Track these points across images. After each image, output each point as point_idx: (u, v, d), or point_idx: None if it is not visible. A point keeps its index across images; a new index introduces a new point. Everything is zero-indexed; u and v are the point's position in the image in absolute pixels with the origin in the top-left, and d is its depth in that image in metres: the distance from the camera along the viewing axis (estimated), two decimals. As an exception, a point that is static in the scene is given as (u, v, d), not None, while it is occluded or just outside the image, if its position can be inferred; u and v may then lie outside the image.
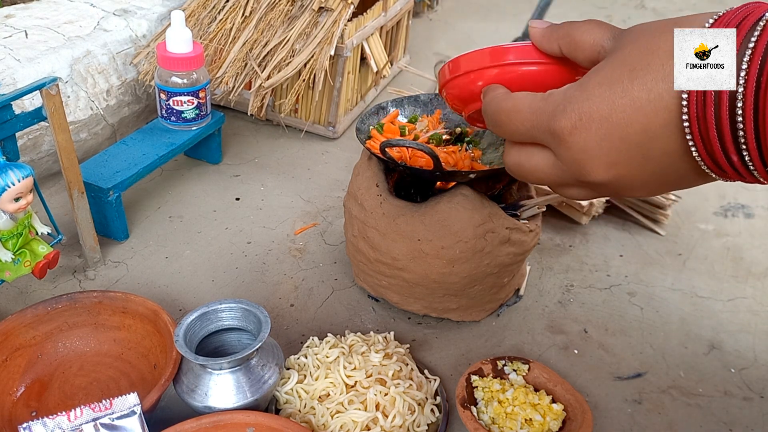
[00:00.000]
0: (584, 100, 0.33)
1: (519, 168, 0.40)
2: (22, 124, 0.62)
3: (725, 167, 0.31)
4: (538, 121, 0.36)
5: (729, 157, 0.30)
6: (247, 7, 0.95)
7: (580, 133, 0.33)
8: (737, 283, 0.81)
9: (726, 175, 0.32)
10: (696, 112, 0.30)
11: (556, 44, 0.39)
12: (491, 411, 0.57)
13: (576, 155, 0.34)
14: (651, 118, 0.31)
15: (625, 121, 0.32)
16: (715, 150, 0.30)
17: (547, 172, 0.38)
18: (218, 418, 0.51)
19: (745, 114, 0.29)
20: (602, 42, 0.36)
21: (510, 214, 0.63)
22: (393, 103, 0.72)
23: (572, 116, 0.34)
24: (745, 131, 0.29)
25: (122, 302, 0.61)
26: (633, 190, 0.36)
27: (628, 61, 0.32)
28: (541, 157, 0.38)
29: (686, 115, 0.30)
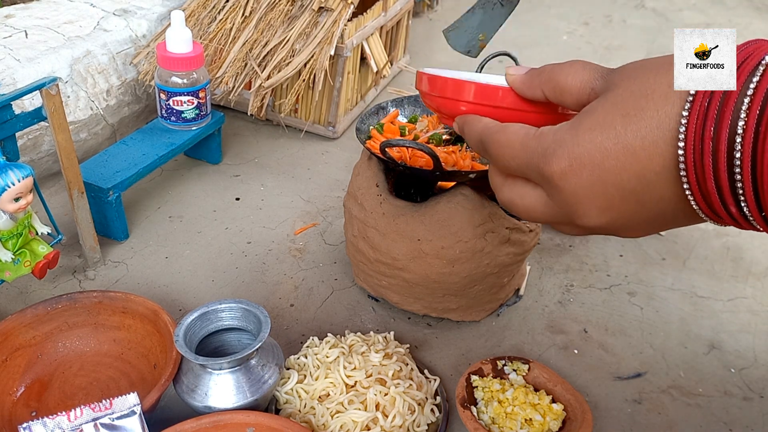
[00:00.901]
0: (575, 145, 0.32)
1: (512, 205, 0.39)
2: (22, 124, 0.62)
3: (723, 216, 0.30)
4: (529, 160, 0.35)
5: (727, 208, 0.29)
6: (247, 7, 0.95)
7: (570, 178, 0.32)
8: (737, 283, 0.81)
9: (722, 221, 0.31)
10: (693, 161, 0.29)
11: (539, 90, 0.37)
12: (491, 411, 0.57)
13: (568, 199, 0.33)
14: (645, 165, 0.30)
15: (618, 168, 0.31)
16: (713, 200, 0.30)
17: (541, 210, 0.37)
18: (218, 418, 0.51)
19: (743, 164, 0.27)
20: (591, 83, 0.34)
21: (510, 214, 0.63)
22: (393, 103, 0.71)
23: (563, 161, 0.32)
24: (743, 182, 0.28)
25: (122, 302, 0.61)
26: (628, 232, 0.35)
27: (620, 104, 0.31)
28: (534, 197, 0.37)
29: (683, 164, 0.29)
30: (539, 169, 0.34)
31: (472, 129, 0.39)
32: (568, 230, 0.38)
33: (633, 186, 0.31)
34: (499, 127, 0.38)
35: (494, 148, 0.37)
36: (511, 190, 0.38)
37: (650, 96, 0.30)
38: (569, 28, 1.62)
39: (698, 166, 0.29)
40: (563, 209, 0.35)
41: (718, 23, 1.78)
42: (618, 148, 0.31)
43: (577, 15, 1.71)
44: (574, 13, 1.73)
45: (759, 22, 1.79)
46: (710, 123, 0.28)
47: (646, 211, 0.32)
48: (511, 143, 0.36)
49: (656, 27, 1.70)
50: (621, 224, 0.34)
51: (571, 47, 1.52)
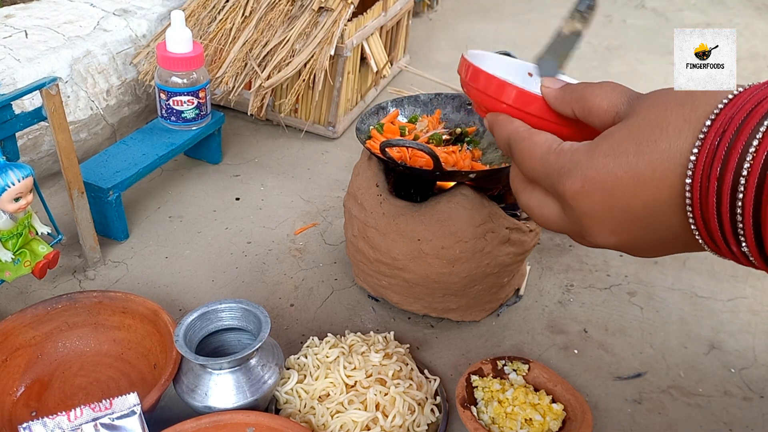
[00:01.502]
0: (589, 168, 0.33)
1: (529, 211, 0.40)
2: (22, 124, 0.62)
3: (725, 252, 0.31)
4: (546, 174, 0.36)
5: (729, 245, 0.30)
6: (247, 7, 0.95)
7: (582, 198, 0.34)
8: (737, 283, 0.81)
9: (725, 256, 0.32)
10: (699, 198, 0.30)
11: (569, 108, 0.38)
12: (491, 411, 0.57)
13: (578, 217, 0.35)
14: (654, 195, 0.31)
15: (627, 195, 0.32)
16: (716, 237, 0.30)
17: (556, 222, 0.38)
18: (218, 418, 0.51)
19: (745, 206, 0.28)
20: (617, 107, 0.35)
21: (510, 214, 0.63)
22: (393, 103, 0.71)
23: (576, 182, 0.34)
24: (744, 224, 0.28)
25: (122, 302, 0.61)
26: (639, 253, 0.36)
27: (636, 133, 0.32)
28: (551, 209, 0.38)
29: (689, 199, 0.30)
30: (554, 186, 0.35)
31: (502, 130, 0.41)
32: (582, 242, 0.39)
33: (640, 214, 0.32)
34: (526, 134, 0.39)
35: (518, 154, 0.39)
36: (530, 197, 0.40)
37: (665, 128, 0.31)
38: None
39: (703, 203, 0.30)
40: (574, 226, 0.36)
41: (718, 23, 1.78)
42: (628, 176, 0.32)
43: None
44: (574, 13, 1.72)
45: (759, 22, 1.79)
46: (717, 163, 0.28)
47: (652, 237, 0.33)
48: (533, 154, 0.37)
49: (656, 27, 1.70)
50: (630, 246, 0.35)
51: (571, 47, 1.51)
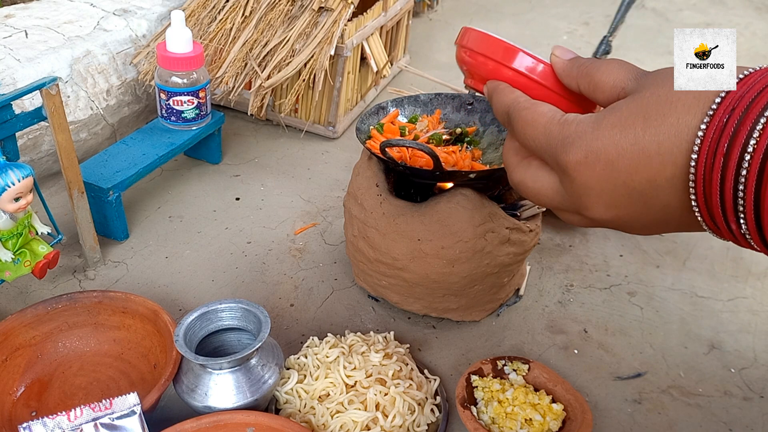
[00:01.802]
0: (594, 139, 0.33)
1: (523, 187, 0.40)
2: (22, 124, 0.62)
3: (723, 231, 0.31)
4: (548, 145, 0.36)
5: (728, 224, 0.30)
6: (247, 7, 0.95)
7: (584, 170, 0.33)
8: (737, 283, 0.81)
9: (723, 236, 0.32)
10: (703, 174, 0.30)
11: (575, 82, 0.38)
12: (491, 411, 0.57)
13: (577, 189, 0.34)
14: (658, 171, 0.31)
15: (631, 169, 0.32)
16: (716, 214, 0.30)
17: (551, 196, 0.38)
18: (218, 418, 0.51)
19: (748, 183, 0.28)
20: (624, 83, 0.35)
21: (510, 214, 0.63)
22: (393, 103, 0.71)
23: (579, 152, 0.33)
24: (745, 201, 0.29)
25: (122, 302, 0.61)
26: (632, 230, 0.36)
27: (644, 108, 0.32)
28: (547, 182, 0.38)
29: (693, 175, 0.30)
30: (556, 156, 0.35)
31: (502, 98, 0.40)
32: (573, 220, 0.39)
33: (642, 188, 0.32)
34: (528, 104, 0.38)
35: (518, 123, 0.38)
36: (526, 171, 0.39)
37: (674, 104, 0.31)
38: (569, 28, 1.62)
39: (707, 180, 0.30)
40: (572, 199, 0.35)
41: (718, 23, 1.78)
42: (634, 150, 0.31)
43: (577, 15, 1.71)
44: (574, 12, 1.73)
45: (759, 22, 1.79)
46: (725, 139, 0.29)
47: (651, 214, 0.33)
48: (536, 124, 0.37)
49: (656, 27, 1.70)
50: (625, 222, 0.35)
51: (571, 47, 1.51)
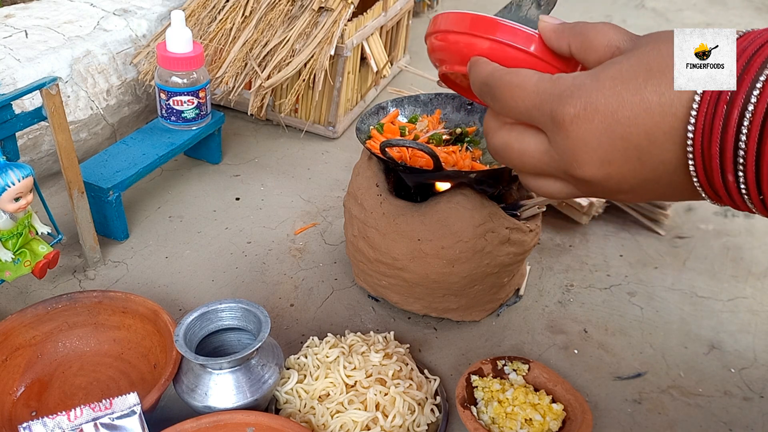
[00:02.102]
0: (594, 90, 0.32)
1: (506, 149, 0.38)
2: (22, 124, 0.62)
3: (718, 186, 0.31)
4: (541, 102, 0.35)
5: (725, 176, 0.30)
6: (247, 7, 0.95)
7: (581, 123, 0.33)
8: (737, 283, 0.81)
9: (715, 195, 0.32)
10: (703, 123, 0.29)
11: (566, 43, 0.37)
12: (491, 411, 0.57)
13: (572, 145, 0.33)
14: (657, 122, 0.31)
15: (630, 120, 0.31)
16: (713, 166, 0.30)
17: (536, 158, 0.36)
18: (218, 418, 0.51)
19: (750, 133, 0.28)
20: (618, 43, 0.35)
21: (510, 214, 0.63)
22: (393, 103, 0.71)
23: (578, 104, 0.33)
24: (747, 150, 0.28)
25: (122, 302, 0.61)
26: (619, 194, 0.35)
27: (646, 60, 0.31)
28: (534, 141, 0.36)
29: (692, 127, 0.30)
30: (551, 111, 0.34)
31: (481, 69, 0.39)
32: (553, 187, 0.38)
33: (639, 141, 0.31)
34: (510, 70, 0.37)
35: (503, 89, 0.37)
36: (509, 133, 0.38)
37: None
38: (569, 28, 1.62)
39: (706, 130, 0.29)
40: (562, 157, 0.34)
41: (718, 23, 1.78)
42: (635, 100, 0.31)
43: (577, 15, 1.71)
44: (575, 13, 1.73)
45: (759, 22, 1.79)
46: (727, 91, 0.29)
47: (644, 172, 0.33)
48: (524, 84, 0.36)
49: (656, 27, 1.70)
50: (615, 182, 0.34)
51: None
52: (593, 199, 0.83)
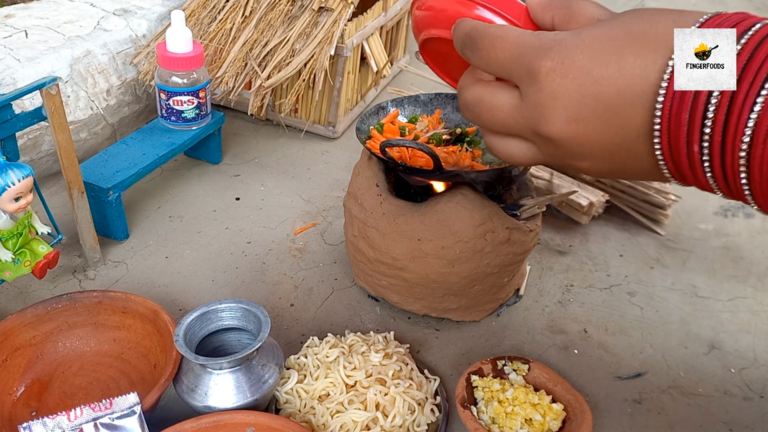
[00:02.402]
0: (574, 46, 0.33)
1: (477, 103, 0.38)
2: (22, 124, 0.62)
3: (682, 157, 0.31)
4: (520, 53, 0.35)
5: (690, 146, 0.30)
6: (247, 7, 0.95)
7: (556, 76, 0.33)
8: (737, 283, 0.81)
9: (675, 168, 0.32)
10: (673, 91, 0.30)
11: (550, 15, 0.38)
12: (491, 411, 0.57)
13: (543, 99, 0.33)
14: (630, 83, 0.31)
15: (604, 79, 0.32)
16: (680, 135, 0.30)
17: (506, 112, 0.36)
18: (218, 418, 0.51)
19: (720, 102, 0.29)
20: (600, 16, 0.35)
21: (510, 214, 0.63)
22: (393, 103, 0.72)
23: (556, 58, 0.33)
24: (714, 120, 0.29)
25: (122, 302, 0.61)
26: (580, 159, 0.35)
27: (629, 26, 0.32)
28: (506, 96, 0.36)
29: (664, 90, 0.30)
30: (529, 63, 0.34)
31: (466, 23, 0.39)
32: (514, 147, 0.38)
33: (609, 101, 0.32)
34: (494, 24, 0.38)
35: (485, 39, 0.37)
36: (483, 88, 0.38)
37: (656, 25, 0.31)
38: (569, 28, 1.62)
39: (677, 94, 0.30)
40: (532, 112, 0.35)
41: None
42: (612, 60, 0.32)
43: (577, 15, 1.71)
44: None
45: (759, 22, 1.79)
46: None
47: (609, 135, 0.33)
48: (506, 36, 0.36)
49: (656, 27, 1.70)
50: (578, 143, 0.34)
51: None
52: (593, 199, 0.84)
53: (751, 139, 0.28)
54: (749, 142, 0.28)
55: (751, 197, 0.30)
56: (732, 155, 0.29)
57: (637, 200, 0.88)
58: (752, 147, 0.28)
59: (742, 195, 0.31)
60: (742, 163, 0.29)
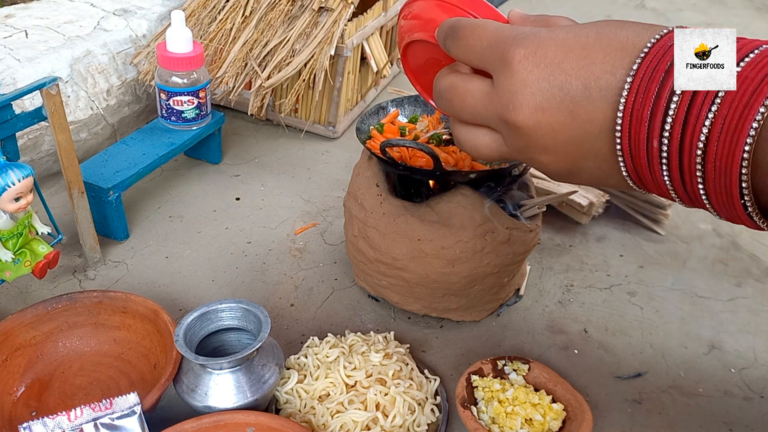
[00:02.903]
0: (548, 39, 0.34)
1: (450, 89, 0.40)
2: (22, 124, 0.62)
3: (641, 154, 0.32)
4: (497, 41, 0.36)
5: (650, 142, 0.31)
6: (247, 7, 0.95)
7: (528, 65, 0.34)
8: (737, 283, 0.81)
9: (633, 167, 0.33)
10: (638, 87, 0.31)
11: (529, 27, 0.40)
12: (491, 411, 0.57)
13: (513, 86, 0.35)
14: (596, 77, 0.32)
15: (572, 71, 0.33)
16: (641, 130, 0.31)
17: (477, 98, 0.38)
18: (218, 418, 0.51)
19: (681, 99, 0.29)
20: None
21: (510, 214, 0.63)
22: (393, 103, 0.72)
23: (529, 47, 0.34)
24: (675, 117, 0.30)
25: (122, 302, 0.61)
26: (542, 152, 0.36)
27: (600, 29, 0.34)
28: (479, 83, 0.38)
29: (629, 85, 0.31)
30: (504, 51, 0.35)
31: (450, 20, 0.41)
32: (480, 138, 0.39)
33: (575, 93, 0.33)
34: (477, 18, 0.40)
35: (466, 29, 0.38)
36: (458, 76, 0.40)
37: (629, 28, 0.33)
38: (569, 28, 1.62)
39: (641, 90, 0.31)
40: (501, 99, 0.36)
41: (718, 23, 1.78)
42: (582, 54, 0.33)
43: (577, 15, 1.71)
44: (575, 13, 1.73)
45: (759, 22, 1.79)
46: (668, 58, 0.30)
47: (572, 128, 0.34)
48: (485, 25, 0.38)
49: (656, 27, 1.70)
50: (542, 134, 0.35)
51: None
52: (593, 199, 0.84)
53: (707, 138, 0.29)
54: (705, 141, 0.29)
55: (706, 198, 0.31)
56: (690, 153, 0.30)
57: (637, 200, 0.88)
58: (708, 144, 0.29)
59: (698, 197, 0.31)
60: (699, 162, 0.30)
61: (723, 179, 0.29)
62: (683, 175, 0.31)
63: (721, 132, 0.29)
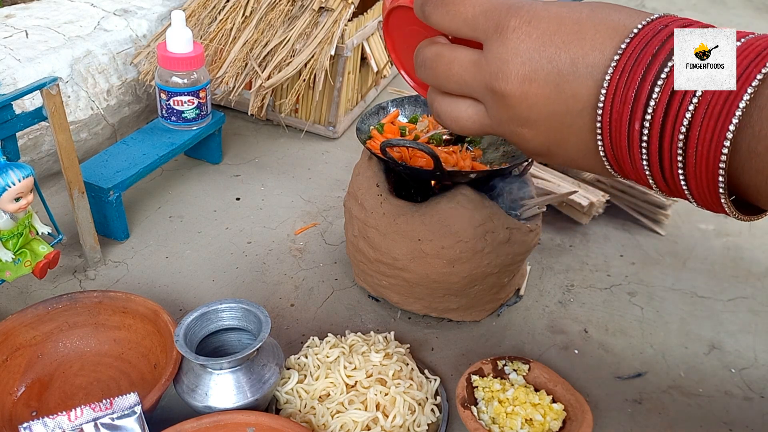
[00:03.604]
0: (542, 11, 0.34)
1: (436, 58, 0.39)
2: (22, 124, 0.62)
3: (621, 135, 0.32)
4: (492, 8, 0.36)
5: (632, 123, 0.31)
6: (248, 7, 0.95)
7: (520, 34, 0.34)
8: (737, 283, 0.81)
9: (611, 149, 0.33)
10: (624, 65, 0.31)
11: None
12: (491, 411, 0.57)
13: (504, 54, 0.34)
14: (584, 53, 0.33)
15: (562, 45, 0.33)
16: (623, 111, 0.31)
17: (464, 66, 0.37)
18: (218, 418, 0.51)
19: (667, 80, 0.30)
20: None
21: (510, 214, 0.63)
22: (393, 103, 0.72)
23: (523, 17, 0.34)
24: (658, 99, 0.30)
25: (122, 302, 0.61)
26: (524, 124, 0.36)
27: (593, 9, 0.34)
28: (466, 52, 0.37)
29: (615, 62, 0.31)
30: (498, 18, 0.35)
31: None
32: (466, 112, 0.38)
33: (563, 67, 0.33)
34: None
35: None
36: (444, 46, 0.39)
37: (622, 11, 0.34)
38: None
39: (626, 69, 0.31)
40: (491, 66, 0.35)
41: (718, 23, 1.78)
42: (572, 30, 0.33)
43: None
44: (575, 13, 1.73)
45: (759, 22, 1.79)
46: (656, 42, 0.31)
47: (556, 102, 0.34)
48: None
49: (656, 27, 1.70)
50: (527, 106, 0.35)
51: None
52: (593, 199, 0.84)
53: (690, 122, 0.29)
54: (688, 124, 0.29)
55: (685, 183, 0.31)
56: (672, 136, 0.30)
57: (637, 200, 0.88)
58: (691, 127, 0.29)
59: (677, 182, 0.31)
60: (681, 145, 0.30)
61: (704, 163, 0.29)
62: (662, 160, 0.31)
63: (705, 116, 0.29)
